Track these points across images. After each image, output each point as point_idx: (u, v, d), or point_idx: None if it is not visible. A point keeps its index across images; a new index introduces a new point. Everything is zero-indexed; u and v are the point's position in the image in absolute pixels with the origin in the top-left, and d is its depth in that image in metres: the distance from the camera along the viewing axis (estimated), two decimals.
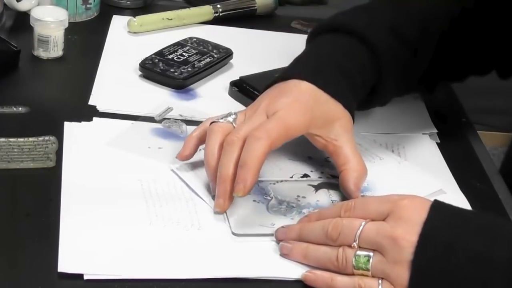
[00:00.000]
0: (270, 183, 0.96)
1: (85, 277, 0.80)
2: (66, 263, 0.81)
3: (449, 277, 0.78)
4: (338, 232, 0.82)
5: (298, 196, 0.95)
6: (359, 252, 0.81)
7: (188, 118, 1.07)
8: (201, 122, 1.06)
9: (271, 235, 0.88)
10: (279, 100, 0.92)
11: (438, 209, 0.81)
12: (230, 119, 0.93)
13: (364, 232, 0.81)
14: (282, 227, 0.88)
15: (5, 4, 1.25)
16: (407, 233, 0.79)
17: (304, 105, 0.93)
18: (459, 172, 1.03)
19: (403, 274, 0.79)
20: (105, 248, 0.84)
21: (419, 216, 0.80)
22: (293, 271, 0.84)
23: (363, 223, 0.81)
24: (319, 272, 0.83)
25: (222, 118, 0.93)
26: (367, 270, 0.81)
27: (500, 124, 2.57)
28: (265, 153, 0.87)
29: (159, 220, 0.88)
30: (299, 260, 0.85)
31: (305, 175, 0.98)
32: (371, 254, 0.81)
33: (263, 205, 0.93)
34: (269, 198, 0.94)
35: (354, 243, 0.81)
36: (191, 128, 1.04)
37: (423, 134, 1.11)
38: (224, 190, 0.88)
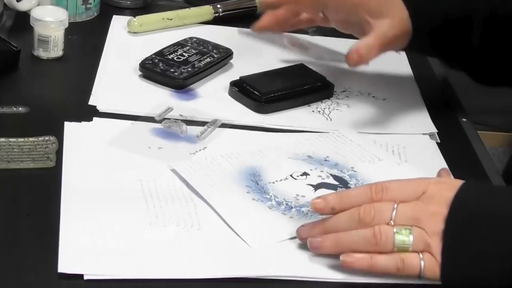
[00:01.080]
0: (270, 182, 0.96)
1: (85, 277, 0.80)
2: (66, 263, 0.81)
3: (479, 243, 0.80)
4: (372, 216, 0.82)
5: (297, 195, 0.95)
6: (398, 227, 0.82)
7: (188, 118, 1.07)
8: (201, 122, 1.06)
9: (290, 237, 0.88)
10: None
11: (468, 185, 0.84)
12: None
13: (399, 211, 0.82)
14: (303, 225, 0.87)
15: (5, 4, 1.25)
16: (440, 207, 0.81)
17: None
18: (459, 172, 1.03)
19: (439, 243, 0.81)
20: (105, 248, 0.84)
21: (451, 193, 0.82)
22: (293, 269, 0.84)
23: (395, 205, 0.82)
24: (356, 254, 0.82)
25: None
26: (409, 244, 0.81)
27: (500, 124, 2.57)
28: None
29: (159, 220, 0.88)
30: (331, 250, 0.84)
31: (305, 174, 0.98)
32: (410, 228, 0.82)
33: (263, 204, 0.93)
34: (268, 196, 0.94)
35: (391, 222, 0.82)
36: (191, 128, 1.04)
37: (423, 134, 1.11)
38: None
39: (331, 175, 0.98)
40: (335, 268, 0.85)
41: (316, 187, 0.96)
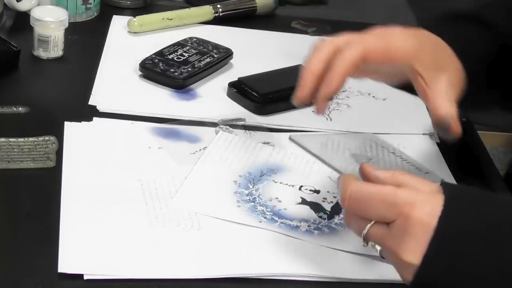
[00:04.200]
0: (273, 180, 0.97)
1: (85, 277, 0.80)
2: (66, 263, 0.81)
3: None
4: (348, 226, 0.78)
5: (276, 198, 0.94)
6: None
7: (188, 118, 1.07)
8: (201, 122, 1.06)
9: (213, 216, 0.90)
10: (394, 27, 0.88)
11: (446, 226, 0.72)
12: None
13: (369, 235, 0.76)
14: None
15: (5, 4, 1.25)
16: (411, 253, 0.73)
17: (417, 35, 0.88)
18: (459, 172, 1.03)
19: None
20: (105, 248, 0.84)
21: (426, 232, 0.72)
22: (292, 269, 0.85)
23: (367, 226, 0.75)
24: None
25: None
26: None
27: (500, 124, 2.57)
28: (355, 59, 0.84)
29: (159, 221, 0.88)
30: None
31: (316, 191, 0.97)
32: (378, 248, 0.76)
33: (234, 187, 0.95)
34: (249, 185, 0.95)
35: (364, 244, 0.77)
36: (191, 128, 1.04)
37: (423, 134, 1.11)
38: (304, 82, 0.86)
39: (336, 202, 0.96)
40: (335, 268, 0.85)
41: (304, 202, 0.95)
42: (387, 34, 0.87)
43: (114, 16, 1.31)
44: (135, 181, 0.94)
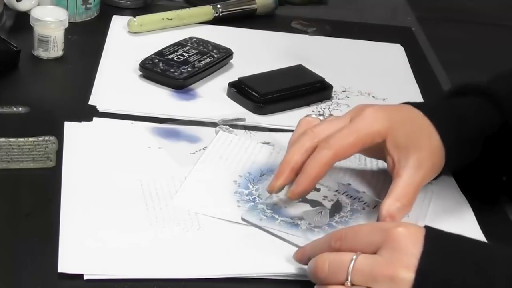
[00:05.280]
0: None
1: (85, 277, 0.80)
2: (66, 263, 0.81)
3: None
4: (326, 270, 0.78)
5: (277, 196, 0.93)
6: None
7: (188, 118, 1.07)
8: (201, 122, 1.06)
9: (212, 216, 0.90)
10: (370, 106, 0.89)
11: (434, 240, 0.76)
12: (321, 118, 0.93)
13: (357, 267, 0.76)
14: None
15: (5, 4, 1.25)
16: (404, 269, 0.74)
17: (391, 113, 0.89)
18: (459, 171, 1.03)
19: None
20: (105, 248, 0.84)
21: (415, 247, 0.75)
22: (293, 269, 0.84)
23: (354, 257, 0.76)
24: None
25: (315, 115, 0.94)
26: None
27: None
28: (326, 162, 0.87)
29: (159, 221, 0.88)
30: None
31: (316, 189, 0.94)
32: None
33: (234, 187, 0.94)
34: (249, 185, 0.95)
35: (347, 282, 0.76)
36: (191, 128, 1.04)
37: None
38: (280, 171, 0.89)
39: (336, 200, 0.95)
40: None
41: (304, 200, 0.94)
42: (356, 121, 0.88)
43: (114, 16, 1.31)
44: (135, 181, 0.94)
